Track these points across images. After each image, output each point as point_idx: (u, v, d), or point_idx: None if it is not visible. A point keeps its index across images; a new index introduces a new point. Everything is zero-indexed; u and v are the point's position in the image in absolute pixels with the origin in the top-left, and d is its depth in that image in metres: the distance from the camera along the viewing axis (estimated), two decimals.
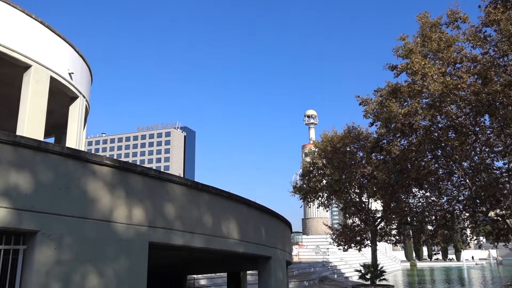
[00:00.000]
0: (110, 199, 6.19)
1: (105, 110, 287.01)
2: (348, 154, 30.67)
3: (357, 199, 33.02)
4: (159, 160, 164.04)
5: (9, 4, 12.79)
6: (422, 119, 19.72)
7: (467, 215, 23.53)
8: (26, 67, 13.39)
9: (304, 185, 34.29)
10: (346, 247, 33.98)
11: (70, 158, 5.82)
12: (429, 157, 22.28)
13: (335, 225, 48.51)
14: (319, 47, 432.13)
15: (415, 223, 27.91)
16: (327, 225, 41.19)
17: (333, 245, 37.15)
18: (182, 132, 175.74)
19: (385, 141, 23.72)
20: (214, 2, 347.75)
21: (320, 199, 34.24)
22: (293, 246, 44.90)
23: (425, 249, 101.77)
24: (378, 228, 32.34)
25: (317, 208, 36.18)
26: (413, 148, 21.35)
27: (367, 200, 33.01)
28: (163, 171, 7.79)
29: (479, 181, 19.36)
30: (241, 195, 9.65)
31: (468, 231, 25.05)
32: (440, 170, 22.51)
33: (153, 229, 6.78)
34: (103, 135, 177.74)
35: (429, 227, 27.90)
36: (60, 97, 15.86)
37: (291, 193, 35.59)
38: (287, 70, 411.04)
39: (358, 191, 32.75)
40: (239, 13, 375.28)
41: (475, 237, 25.36)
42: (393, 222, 31.45)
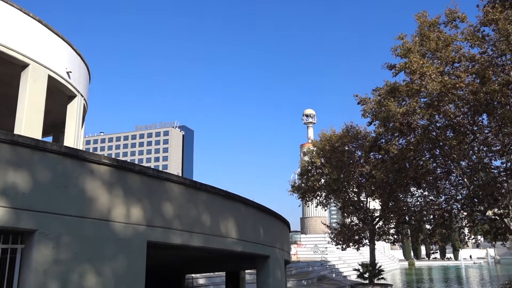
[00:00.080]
0: (108, 198, 6.18)
1: (103, 109, 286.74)
2: (346, 153, 30.70)
3: (355, 198, 33.06)
4: (157, 159, 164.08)
5: (6, 2, 12.75)
6: (420, 118, 19.75)
7: (465, 214, 23.61)
8: (24, 65, 13.35)
9: (303, 184, 34.31)
10: (344, 246, 34.03)
11: (68, 157, 5.81)
12: (427, 156, 22.32)
13: (334, 224, 48.57)
14: (317, 46, 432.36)
15: (413, 222, 27.96)
16: (325, 224, 41.25)
17: (332, 244, 37.20)
18: (180, 131, 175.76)
19: (383, 140, 23.76)
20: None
21: (318, 198, 34.26)
22: (292, 245, 44.95)
23: (423, 248, 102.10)
24: (376, 227, 32.39)
25: (316, 207, 36.20)
26: (411, 147, 21.39)
27: (365, 199, 33.06)
28: (161, 170, 7.77)
29: (477, 180, 19.40)
30: (240, 194, 9.65)
31: (466, 230, 25.12)
32: (438, 169, 22.56)
33: (152, 228, 6.78)
34: (101, 134, 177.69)
35: (427, 226, 27.96)
36: (58, 96, 15.82)
37: (290, 192, 35.61)
38: (286, 69, 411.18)
39: (356, 190, 32.79)
40: (238, 12, 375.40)
41: (473, 236, 25.43)
42: (391, 221, 31.50)
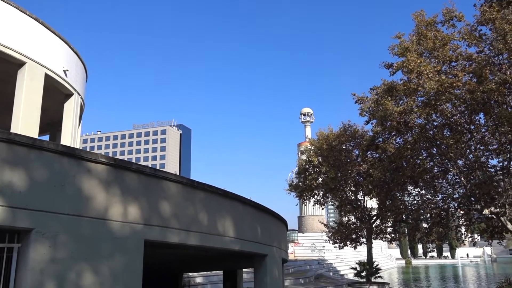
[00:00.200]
0: (105, 197, 6.16)
1: (100, 107, 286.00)
2: (343, 152, 30.74)
3: (353, 197, 33.13)
4: (154, 158, 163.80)
5: (3, 1, 12.69)
6: (417, 117, 19.80)
7: (461, 213, 23.70)
8: (21, 64, 13.30)
9: (300, 183, 34.35)
10: (341, 244, 34.12)
11: (65, 156, 5.79)
12: (424, 155, 22.39)
13: (331, 223, 48.62)
14: (316, 45, 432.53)
15: (410, 221, 28.05)
16: (322, 223, 41.30)
17: (329, 243, 37.30)
18: (178, 129, 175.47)
19: (380, 139, 23.81)
20: None
21: (316, 197, 34.32)
22: (289, 244, 44.98)
23: (420, 246, 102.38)
24: (373, 226, 32.47)
25: (313, 206, 36.33)
26: (408, 146, 21.45)
27: (362, 198, 33.13)
28: (158, 169, 7.74)
29: (474, 179, 19.46)
30: (237, 193, 9.65)
31: (463, 229, 25.26)
32: (435, 168, 22.62)
33: (149, 227, 6.76)
34: (98, 132, 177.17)
35: (424, 224, 28.05)
36: (54, 94, 15.78)
37: (287, 191, 35.66)
38: (283, 68, 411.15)
39: (354, 189, 32.86)
40: (236, 11, 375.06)
41: (469, 235, 25.60)
42: (389, 220, 31.60)
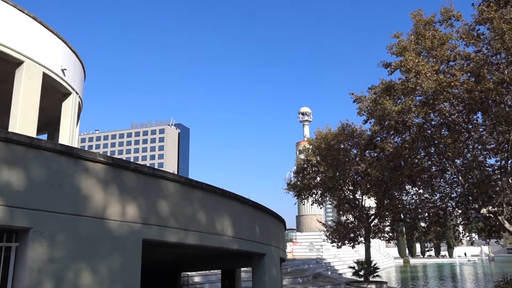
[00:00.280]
0: (104, 196, 6.16)
1: (99, 106, 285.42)
2: (342, 151, 30.75)
3: (351, 196, 33.15)
4: (153, 157, 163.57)
5: (1, 0, 12.65)
6: (415, 117, 19.81)
7: (459, 212, 23.72)
8: (19, 63, 13.27)
9: (298, 182, 34.36)
10: (339, 244, 34.13)
11: (63, 155, 5.78)
12: (422, 154, 22.40)
13: (329, 222, 48.67)
14: (315, 44, 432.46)
15: (408, 220, 28.07)
16: (321, 222, 41.29)
17: (327, 242, 37.30)
18: (176, 129, 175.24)
19: (378, 138, 23.80)
20: None
21: (314, 196, 34.32)
22: (287, 243, 44.99)
23: (418, 245, 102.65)
24: (371, 225, 32.51)
25: (311, 205, 36.34)
26: (406, 146, 21.46)
27: (360, 197, 33.16)
28: (157, 168, 7.75)
29: (472, 178, 19.49)
30: (235, 192, 9.66)
31: (461, 228, 25.27)
32: (433, 167, 22.64)
33: (147, 226, 6.76)
34: (97, 132, 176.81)
35: (422, 224, 28.07)
36: (52, 93, 15.75)
37: (285, 190, 35.68)
38: (282, 67, 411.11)
39: (352, 188, 32.88)
40: (234, 9, 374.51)
41: (467, 234, 25.60)
42: (387, 219, 31.62)
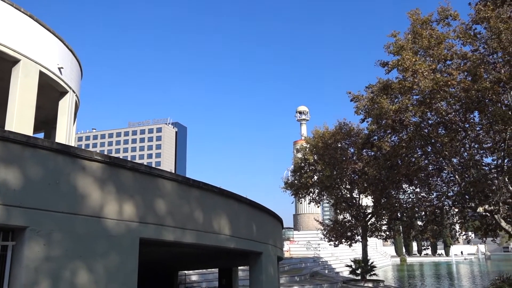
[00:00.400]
0: (100, 195, 6.15)
1: (96, 105, 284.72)
2: (339, 150, 30.81)
3: (348, 195, 33.23)
4: (150, 156, 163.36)
5: None
6: (412, 116, 19.85)
7: (456, 210, 23.82)
8: (15, 61, 13.22)
9: (296, 181, 34.41)
10: (337, 242, 34.22)
11: (59, 154, 5.76)
12: (419, 153, 22.47)
13: (326, 221, 48.76)
14: (313, 43, 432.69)
15: (405, 219, 28.17)
16: (318, 221, 41.34)
17: (324, 240, 37.36)
18: (173, 127, 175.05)
19: (376, 137, 23.85)
20: None
21: (311, 195, 34.38)
22: (284, 242, 45.00)
23: (415, 244, 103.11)
24: (368, 224, 32.59)
25: (308, 204, 36.36)
26: (403, 144, 21.52)
27: (358, 196, 33.24)
28: (154, 167, 7.73)
29: (468, 177, 19.56)
30: (233, 191, 9.65)
31: (457, 227, 25.40)
32: (430, 166, 22.72)
33: (144, 225, 6.75)
34: (94, 130, 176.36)
35: (419, 222, 28.21)
36: (49, 92, 15.70)
37: (283, 189, 35.74)
38: (279, 66, 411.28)
39: (349, 187, 32.95)
40: (232, 6, 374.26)
41: (464, 233, 25.71)
42: (384, 217, 31.72)
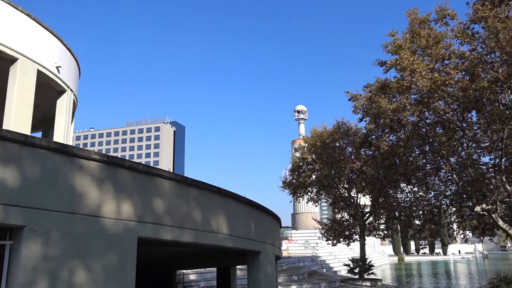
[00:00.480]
0: (98, 194, 6.14)
1: (94, 104, 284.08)
2: (337, 150, 30.83)
3: (346, 194, 33.27)
4: (148, 155, 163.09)
5: None
6: (410, 115, 19.88)
7: (453, 209, 23.86)
8: (13, 60, 13.19)
9: (294, 180, 34.44)
10: (335, 241, 34.27)
11: (57, 153, 5.75)
12: (417, 152, 22.50)
13: (324, 220, 48.85)
14: (309, 42, 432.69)
15: (403, 218, 28.20)
16: (316, 220, 41.42)
17: (322, 239, 37.43)
18: (171, 127, 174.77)
19: (374, 136, 23.87)
20: None
21: (309, 194, 34.42)
22: (283, 241, 45.04)
23: (412, 243, 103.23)
24: (366, 223, 32.64)
25: (307, 203, 36.41)
26: (401, 144, 21.55)
27: (356, 195, 33.28)
28: (152, 166, 7.71)
29: (466, 176, 19.60)
30: (231, 190, 9.65)
31: (455, 226, 25.43)
32: (427, 165, 22.76)
33: (142, 224, 6.75)
34: (92, 129, 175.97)
35: (416, 221, 28.22)
36: (47, 90, 15.67)
37: (281, 188, 35.76)
38: (277, 66, 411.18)
39: (347, 186, 33.00)
40: (232, 4, 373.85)
41: (461, 232, 25.77)
42: (382, 216, 31.77)
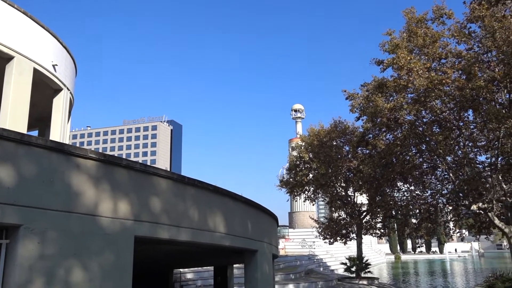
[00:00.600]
0: (95, 193, 6.12)
1: (90, 103, 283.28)
2: (334, 148, 30.88)
3: (343, 193, 33.32)
4: (145, 153, 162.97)
5: None
6: (407, 114, 19.92)
7: (450, 208, 23.95)
8: (9, 58, 13.11)
9: (291, 179, 34.46)
10: (332, 240, 34.33)
11: (53, 151, 5.73)
12: (413, 151, 22.55)
13: (321, 219, 48.95)
14: (306, 41, 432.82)
15: (399, 217, 28.30)
16: (313, 219, 41.51)
17: (319, 238, 37.47)
18: (168, 125, 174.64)
19: (371, 135, 23.91)
20: None
21: (306, 193, 34.45)
22: (280, 240, 45.10)
23: (409, 242, 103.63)
24: (363, 222, 32.72)
25: (304, 201, 36.41)
26: (398, 143, 21.59)
27: (352, 194, 33.34)
28: (149, 164, 7.69)
29: (462, 175, 19.67)
30: (228, 189, 9.64)
31: (451, 224, 25.55)
32: (424, 164, 22.81)
33: (139, 223, 6.74)
34: (88, 128, 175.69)
35: (413, 220, 28.33)
36: (43, 89, 15.60)
37: (278, 187, 35.77)
38: (274, 64, 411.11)
39: (344, 185, 33.05)
40: (228, 8, 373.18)
41: (458, 230, 25.90)
42: (378, 215, 31.86)
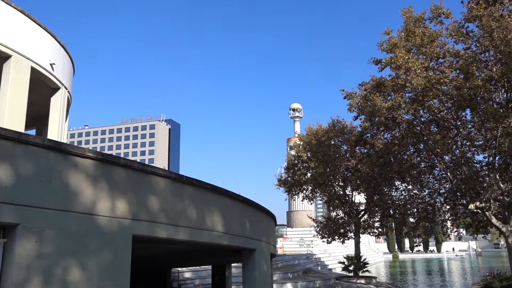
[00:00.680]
0: (93, 192, 6.12)
1: (88, 102, 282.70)
2: (332, 148, 30.90)
3: (341, 192, 33.35)
4: (143, 153, 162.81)
5: None
6: (405, 113, 19.93)
7: (448, 207, 23.99)
8: (6, 57, 13.09)
9: (289, 178, 34.47)
10: (330, 239, 34.36)
11: (51, 150, 5.72)
12: (411, 150, 22.57)
13: (319, 218, 49.00)
14: (305, 41, 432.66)
15: (397, 216, 28.32)
16: (311, 218, 41.55)
17: (317, 237, 37.54)
18: (166, 124, 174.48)
19: (368, 134, 23.92)
20: None
21: (304, 192, 34.47)
22: (278, 239, 45.18)
23: (407, 241, 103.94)
24: (361, 221, 32.76)
25: (302, 201, 36.47)
26: (396, 142, 21.61)
27: (350, 193, 33.38)
28: (147, 163, 7.68)
29: (460, 174, 19.70)
30: (226, 188, 9.64)
31: (449, 223, 25.58)
32: (422, 163, 22.84)
33: (137, 222, 6.73)
34: (86, 127, 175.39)
35: (411, 219, 28.37)
36: (41, 88, 15.57)
37: (276, 186, 35.78)
38: (273, 64, 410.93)
39: (342, 184, 33.07)
40: (227, 6, 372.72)
41: (455, 229, 25.94)
42: (376, 214, 31.89)
